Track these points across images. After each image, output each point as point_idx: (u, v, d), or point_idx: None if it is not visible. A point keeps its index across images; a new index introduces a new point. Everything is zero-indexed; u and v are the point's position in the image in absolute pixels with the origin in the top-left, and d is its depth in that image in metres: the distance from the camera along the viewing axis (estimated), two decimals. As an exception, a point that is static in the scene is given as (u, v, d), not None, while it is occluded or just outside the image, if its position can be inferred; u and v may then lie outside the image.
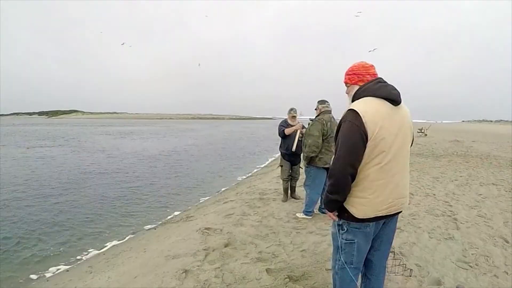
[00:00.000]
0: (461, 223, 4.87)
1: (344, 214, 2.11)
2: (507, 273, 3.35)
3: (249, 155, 19.71)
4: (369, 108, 1.94)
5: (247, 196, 7.11)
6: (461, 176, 8.71)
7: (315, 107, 5.27)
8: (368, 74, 2.14)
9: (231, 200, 6.99)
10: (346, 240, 2.14)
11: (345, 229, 2.13)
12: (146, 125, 76.14)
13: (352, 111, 1.95)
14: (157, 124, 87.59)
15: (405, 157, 2.09)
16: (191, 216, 6.50)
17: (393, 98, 2.01)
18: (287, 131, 5.98)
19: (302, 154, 5.29)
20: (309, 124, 5.18)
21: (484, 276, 3.27)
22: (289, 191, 6.48)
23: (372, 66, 2.17)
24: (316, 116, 5.13)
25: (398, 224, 4.69)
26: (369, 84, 2.07)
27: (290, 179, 6.37)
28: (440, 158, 12.49)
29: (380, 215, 2.05)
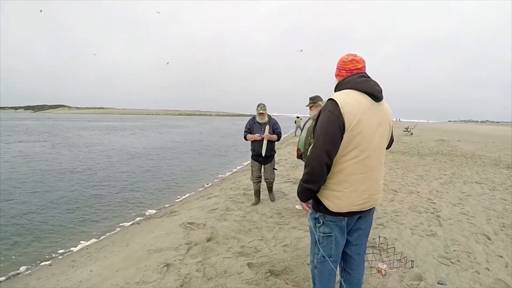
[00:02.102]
0: (444, 220, 4.90)
1: (319, 207, 2.07)
2: (488, 269, 3.37)
3: (235, 152, 19.63)
4: (349, 100, 1.90)
5: (232, 191, 7.08)
6: (445, 175, 8.81)
7: (307, 104, 5.08)
8: (344, 70, 2.09)
9: (215, 196, 6.95)
10: (323, 233, 2.11)
11: (321, 222, 2.10)
12: (133, 121, 75.53)
13: (331, 101, 1.91)
14: (144, 120, 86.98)
15: (382, 153, 2.08)
16: (175, 211, 6.44)
17: (375, 94, 1.97)
18: (249, 137, 5.73)
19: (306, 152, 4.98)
20: (307, 121, 4.99)
21: (465, 272, 3.27)
22: (262, 193, 6.19)
23: (351, 61, 2.08)
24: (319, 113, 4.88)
25: (381, 220, 4.72)
26: (352, 77, 2.02)
27: (260, 181, 6.03)
28: (425, 157, 12.64)
29: (355, 210, 2.03)
